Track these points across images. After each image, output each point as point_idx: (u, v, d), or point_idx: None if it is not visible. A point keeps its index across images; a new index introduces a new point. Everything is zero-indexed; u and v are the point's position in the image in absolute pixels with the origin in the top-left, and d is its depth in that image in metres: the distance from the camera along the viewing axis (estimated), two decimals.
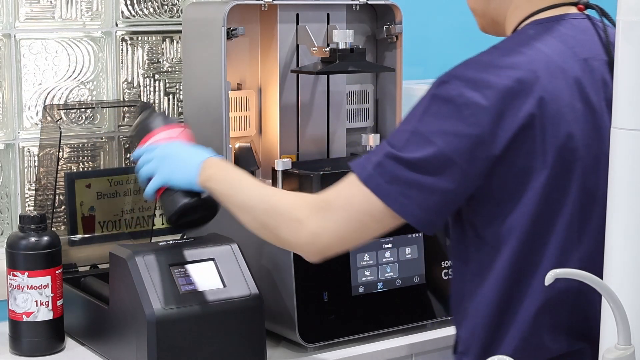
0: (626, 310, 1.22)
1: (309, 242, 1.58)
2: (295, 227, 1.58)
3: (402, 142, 1.53)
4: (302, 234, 1.58)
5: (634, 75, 1.26)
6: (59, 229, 2.22)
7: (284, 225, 1.60)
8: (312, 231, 1.56)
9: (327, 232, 1.56)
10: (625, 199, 1.29)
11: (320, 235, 1.56)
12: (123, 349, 1.80)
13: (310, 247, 1.59)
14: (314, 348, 1.92)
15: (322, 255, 1.61)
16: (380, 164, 1.52)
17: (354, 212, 1.54)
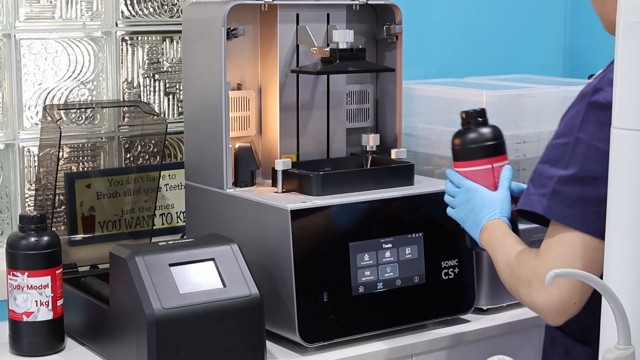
0: (626, 310, 1.22)
1: (544, 306, 1.59)
2: (528, 291, 1.61)
3: (567, 158, 1.54)
4: (533, 298, 1.60)
5: (634, 75, 1.26)
6: (59, 229, 2.22)
7: (521, 289, 1.63)
8: (540, 296, 1.58)
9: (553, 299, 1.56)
10: (625, 199, 1.29)
11: (550, 299, 1.57)
12: (123, 349, 1.80)
13: (545, 312, 1.60)
14: (314, 348, 1.92)
15: (563, 312, 1.59)
16: (555, 192, 1.54)
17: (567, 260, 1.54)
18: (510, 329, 2.13)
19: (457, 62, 2.81)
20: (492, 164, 1.79)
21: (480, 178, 1.79)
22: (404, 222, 2.01)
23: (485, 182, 1.79)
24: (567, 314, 1.58)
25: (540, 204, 1.56)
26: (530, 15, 2.94)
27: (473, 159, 1.80)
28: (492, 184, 1.79)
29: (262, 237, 1.95)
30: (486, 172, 1.79)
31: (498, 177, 1.79)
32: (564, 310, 1.57)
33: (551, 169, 1.57)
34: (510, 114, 2.30)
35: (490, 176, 1.79)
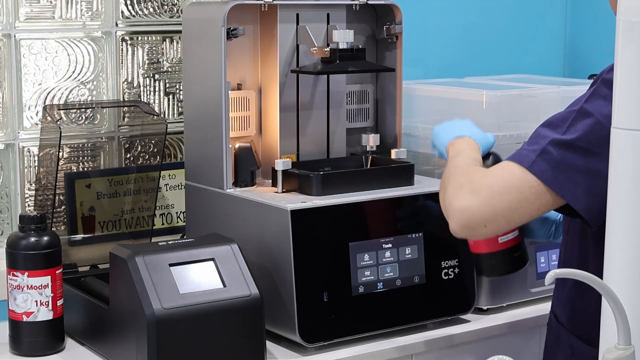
0: (626, 310, 1.22)
1: (458, 208, 1.58)
2: (455, 191, 1.60)
3: (567, 123, 1.54)
4: (457, 198, 1.59)
5: (634, 75, 1.26)
6: (59, 229, 2.22)
7: (450, 187, 1.62)
8: (466, 198, 1.57)
9: (479, 201, 1.56)
10: (625, 199, 1.29)
11: (471, 203, 1.56)
12: (123, 349, 1.80)
13: (457, 214, 1.59)
14: (314, 348, 1.92)
15: (469, 225, 1.59)
16: (545, 151, 1.54)
17: (505, 188, 1.55)
18: (510, 329, 2.13)
19: (457, 62, 2.81)
20: None
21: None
22: (404, 222, 2.01)
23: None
24: (472, 230, 1.59)
25: (527, 157, 1.56)
26: (530, 15, 2.94)
27: None
28: None
29: (262, 237, 1.95)
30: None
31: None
32: (470, 224, 1.58)
33: (548, 131, 1.57)
34: (510, 114, 2.30)
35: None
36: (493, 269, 1.83)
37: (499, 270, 1.84)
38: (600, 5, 2.63)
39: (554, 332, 1.78)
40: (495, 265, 1.81)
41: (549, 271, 1.22)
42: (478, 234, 1.62)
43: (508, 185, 1.55)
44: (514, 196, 1.55)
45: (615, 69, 1.29)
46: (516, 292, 2.18)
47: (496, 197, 1.55)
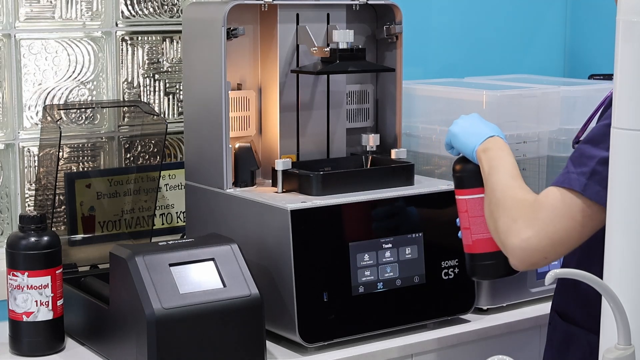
0: (626, 310, 1.22)
1: (518, 245, 1.59)
2: (509, 225, 1.61)
3: (607, 138, 1.51)
4: (512, 234, 1.60)
5: (634, 75, 1.26)
6: (59, 229, 2.22)
7: (502, 220, 1.62)
8: (522, 233, 1.58)
9: (536, 235, 1.57)
10: (625, 199, 1.29)
11: (529, 238, 1.58)
12: (123, 349, 1.80)
13: (517, 251, 1.60)
14: (314, 348, 1.92)
15: (530, 261, 1.60)
16: (595, 172, 1.54)
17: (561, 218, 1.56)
18: (510, 329, 2.13)
19: (457, 62, 2.81)
20: None
21: (479, 206, 1.77)
22: (404, 222, 2.01)
23: (484, 211, 1.77)
24: (534, 265, 1.61)
25: (578, 182, 1.56)
26: (530, 15, 2.94)
27: (473, 186, 1.77)
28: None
29: (262, 237, 1.95)
30: (484, 200, 1.77)
31: None
32: (532, 260, 1.59)
33: (592, 149, 1.57)
34: (510, 114, 2.30)
35: None
36: (488, 271, 1.80)
37: (494, 272, 1.81)
38: (600, 5, 2.63)
39: (561, 331, 1.77)
40: (493, 266, 1.79)
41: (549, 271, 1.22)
42: (540, 265, 1.62)
43: (560, 214, 1.56)
44: (570, 224, 1.56)
45: (615, 69, 1.29)
46: (516, 292, 2.18)
47: (552, 228, 1.56)
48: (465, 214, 1.79)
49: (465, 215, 1.79)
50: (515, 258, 1.61)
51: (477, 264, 1.80)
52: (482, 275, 1.83)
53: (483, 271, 1.81)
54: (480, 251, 1.79)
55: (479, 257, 1.80)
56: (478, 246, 1.79)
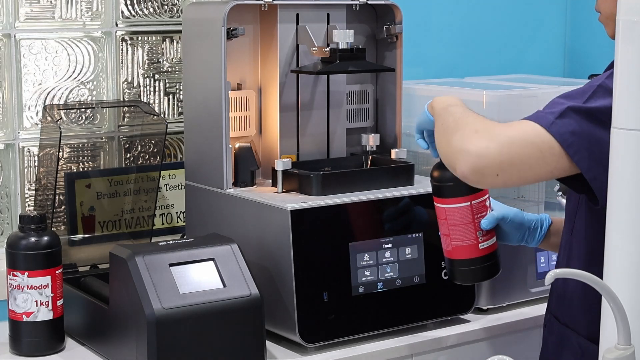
0: (626, 310, 1.22)
1: (474, 151, 1.53)
2: (468, 135, 1.55)
3: (587, 95, 1.53)
4: (472, 141, 1.54)
5: (634, 75, 1.26)
6: (59, 229, 2.22)
7: (462, 130, 1.57)
8: (482, 142, 1.53)
9: (496, 147, 1.52)
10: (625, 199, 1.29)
11: (488, 147, 1.52)
12: (123, 349, 1.80)
13: (472, 157, 1.53)
14: (314, 348, 1.92)
15: (482, 171, 1.53)
16: (564, 114, 1.52)
17: (525, 142, 1.52)
18: (510, 329, 2.13)
19: (457, 62, 2.81)
20: (471, 202, 1.77)
21: (458, 215, 1.77)
22: (404, 222, 2.01)
23: (464, 219, 1.77)
24: (483, 175, 1.54)
25: (545, 118, 1.54)
26: (530, 15, 2.94)
27: (450, 196, 1.76)
28: (471, 221, 1.77)
29: (262, 237, 1.95)
30: (465, 209, 1.76)
31: (478, 214, 1.77)
32: (483, 170, 1.53)
33: (566, 100, 1.56)
34: (510, 114, 2.30)
35: (469, 214, 1.77)
36: (467, 276, 1.82)
37: (473, 277, 1.83)
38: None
39: (559, 334, 1.77)
40: (471, 272, 1.81)
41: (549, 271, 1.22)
42: (486, 182, 1.55)
43: (529, 140, 1.53)
44: (533, 151, 1.52)
45: (615, 69, 1.29)
46: (516, 292, 2.18)
47: (515, 148, 1.52)
48: (444, 222, 1.80)
49: (445, 222, 1.79)
50: (467, 164, 1.53)
51: (457, 269, 1.82)
52: (462, 280, 1.84)
53: (462, 276, 1.82)
54: (459, 257, 1.80)
55: (458, 263, 1.81)
56: (457, 253, 1.80)
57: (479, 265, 1.79)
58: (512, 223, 1.83)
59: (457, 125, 1.61)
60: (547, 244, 1.90)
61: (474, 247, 1.78)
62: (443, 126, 1.65)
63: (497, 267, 1.82)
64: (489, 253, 1.80)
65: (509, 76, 2.76)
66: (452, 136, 1.59)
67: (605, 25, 1.68)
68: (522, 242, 1.89)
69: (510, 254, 2.10)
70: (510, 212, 1.84)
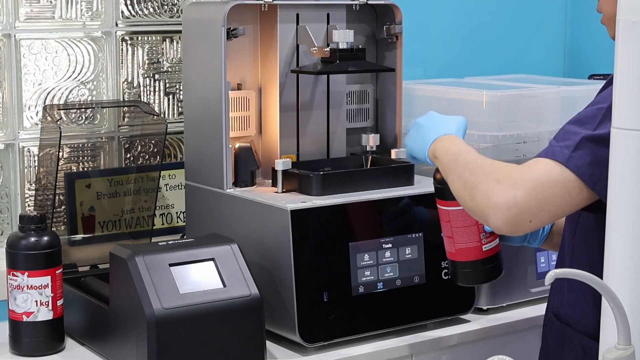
0: (626, 310, 1.22)
1: (503, 203, 1.53)
2: (492, 186, 1.55)
3: (598, 120, 1.53)
4: (497, 193, 1.54)
5: (634, 75, 1.26)
6: (59, 229, 2.22)
7: (483, 183, 1.57)
8: (509, 192, 1.53)
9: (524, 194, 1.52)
10: (625, 199, 1.29)
11: (516, 197, 1.52)
12: (123, 349, 1.80)
13: (502, 210, 1.53)
14: (314, 348, 1.92)
15: (515, 221, 1.54)
16: (579, 147, 1.52)
17: (549, 182, 1.52)
18: (510, 329, 2.13)
19: (457, 62, 2.81)
20: None
21: (461, 217, 1.76)
22: (404, 222, 2.01)
23: (468, 221, 1.76)
24: (517, 225, 1.54)
25: (561, 154, 1.54)
26: (530, 15, 2.94)
27: (453, 198, 1.74)
28: (475, 223, 1.76)
29: (262, 237, 1.95)
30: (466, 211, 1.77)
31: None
32: (517, 220, 1.53)
33: (578, 128, 1.55)
34: (510, 114, 2.30)
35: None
36: (470, 278, 1.82)
37: (476, 279, 1.83)
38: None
39: (557, 333, 1.77)
40: (474, 274, 1.81)
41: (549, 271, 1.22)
42: (522, 230, 1.56)
43: (552, 180, 1.53)
44: (558, 190, 1.53)
45: (615, 69, 1.29)
46: (516, 292, 2.18)
47: (541, 191, 1.52)
48: (447, 224, 1.79)
49: (448, 224, 1.79)
50: (499, 218, 1.54)
51: (460, 270, 1.81)
52: (465, 282, 1.84)
53: (465, 278, 1.82)
54: (462, 259, 1.79)
55: (462, 265, 1.80)
56: (461, 255, 1.79)
57: (482, 267, 1.79)
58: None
59: (475, 178, 1.60)
60: (549, 244, 1.89)
61: (477, 249, 1.78)
62: (460, 180, 1.65)
63: (499, 269, 1.82)
64: (492, 255, 1.80)
65: (509, 76, 2.76)
66: (475, 191, 1.59)
67: (608, 26, 1.68)
68: (524, 242, 1.88)
69: (511, 254, 2.10)
70: None
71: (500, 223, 1.55)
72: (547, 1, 2.96)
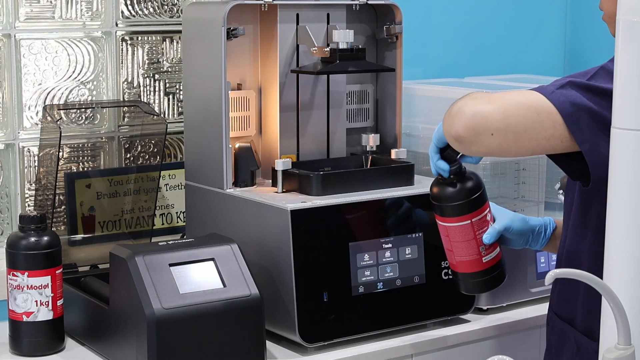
0: (626, 310, 1.22)
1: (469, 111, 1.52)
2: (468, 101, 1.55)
3: (589, 75, 1.54)
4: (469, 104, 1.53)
5: (634, 75, 1.26)
6: (59, 229, 2.22)
7: (460, 101, 1.56)
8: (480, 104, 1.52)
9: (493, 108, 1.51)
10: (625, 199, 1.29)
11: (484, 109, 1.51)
12: (123, 349, 1.80)
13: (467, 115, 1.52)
14: (314, 348, 1.92)
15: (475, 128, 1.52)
16: (565, 86, 1.53)
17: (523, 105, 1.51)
18: (510, 329, 2.13)
19: (457, 62, 2.81)
20: (472, 219, 1.76)
21: (459, 233, 1.77)
22: (404, 222, 2.01)
23: (466, 236, 1.77)
24: (478, 133, 1.52)
25: (547, 89, 1.54)
26: (530, 15, 2.94)
27: (450, 215, 1.75)
28: (473, 237, 1.76)
29: (262, 237, 1.95)
30: (466, 227, 1.76)
31: (479, 230, 1.77)
32: (478, 128, 1.51)
33: (568, 77, 1.56)
34: None
35: (471, 231, 1.76)
36: (473, 287, 1.83)
37: (479, 289, 1.84)
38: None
39: (558, 331, 1.77)
40: (477, 284, 1.82)
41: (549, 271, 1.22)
42: (481, 141, 1.53)
43: (527, 103, 1.52)
44: (530, 114, 1.51)
45: (615, 69, 1.29)
46: (516, 292, 2.18)
47: (512, 109, 1.51)
48: (446, 238, 1.80)
49: (447, 239, 1.80)
50: (460, 122, 1.52)
51: (462, 281, 1.82)
52: (468, 291, 1.85)
53: (468, 288, 1.84)
54: (464, 271, 1.80)
55: (463, 276, 1.82)
56: (462, 267, 1.80)
57: (484, 278, 1.80)
58: (515, 232, 1.82)
59: (460, 100, 1.59)
60: (551, 247, 1.89)
61: (477, 262, 1.78)
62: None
63: (502, 276, 1.82)
64: (493, 265, 1.80)
65: (509, 76, 2.76)
66: (453, 106, 1.58)
67: (609, 24, 1.69)
68: (526, 245, 1.88)
69: (511, 254, 2.10)
70: (513, 222, 1.82)
71: (461, 127, 1.53)
72: (547, 1, 2.96)
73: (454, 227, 1.76)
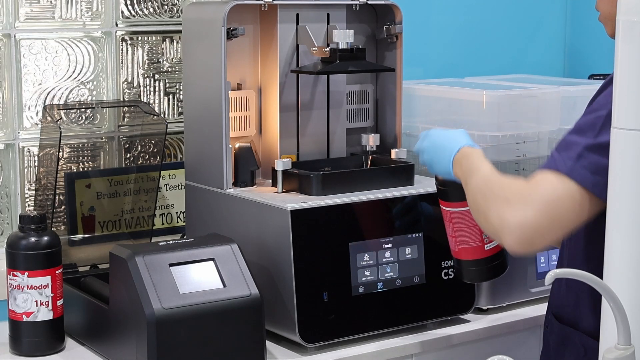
0: (626, 310, 1.22)
1: (516, 224, 1.52)
2: (502, 207, 1.55)
3: (598, 128, 1.52)
4: (509, 214, 1.53)
5: (634, 75, 1.26)
6: (59, 229, 2.22)
7: (494, 206, 1.57)
8: (520, 212, 1.52)
9: (535, 213, 1.51)
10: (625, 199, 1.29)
11: (527, 217, 1.51)
12: (123, 349, 1.80)
13: (516, 231, 1.53)
14: (314, 348, 1.92)
15: (530, 241, 1.53)
16: (581, 157, 1.52)
17: (558, 197, 1.52)
18: (510, 329, 2.13)
19: (457, 62, 2.81)
20: None
21: (463, 218, 1.77)
22: (403, 222, 2.01)
23: (470, 222, 1.77)
24: (532, 244, 1.54)
25: (564, 165, 1.53)
26: (530, 15, 2.94)
27: (455, 200, 1.76)
28: (476, 223, 1.75)
29: (262, 237, 1.95)
30: (469, 213, 1.75)
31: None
32: (531, 239, 1.53)
33: (578, 138, 1.55)
34: (510, 114, 2.30)
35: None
36: (475, 275, 1.84)
37: (480, 277, 1.85)
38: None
39: (557, 334, 1.77)
40: (478, 272, 1.82)
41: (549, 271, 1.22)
42: (537, 248, 1.56)
43: (560, 194, 1.52)
44: (568, 204, 1.52)
45: (615, 69, 1.29)
46: (516, 292, 2.18)
47: (551, 206, 1.52)
48: (450, 224, 1.81)
49: (450, 224, 1.81)
50: (514, 239, 1.54)
51: (464, 268, 1.83)
52: (469, 279, 1.86)
53: (469, 275, 1.84)
54: (466, 258, 1.80)
55: (465, 263, 1.82)
56: (464, 254, 1.81)
57: (486, 266, 1.80)
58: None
59: (486, 201, 1.60)
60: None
61: (480, 249, 1.78)
62: (474, 204, 1.65)
63: (504, 266, 1.83)
64: (496, 253, 1.80)
65: (509, 76, 2.76)
66: (488, 213, 1.58)
67: (605, 24, 1.68)
68: None
69: None
70: None
71: (515, 244, 1.54)
72: (547, 1, 2.96)
73: (458, 212, 1.77)
